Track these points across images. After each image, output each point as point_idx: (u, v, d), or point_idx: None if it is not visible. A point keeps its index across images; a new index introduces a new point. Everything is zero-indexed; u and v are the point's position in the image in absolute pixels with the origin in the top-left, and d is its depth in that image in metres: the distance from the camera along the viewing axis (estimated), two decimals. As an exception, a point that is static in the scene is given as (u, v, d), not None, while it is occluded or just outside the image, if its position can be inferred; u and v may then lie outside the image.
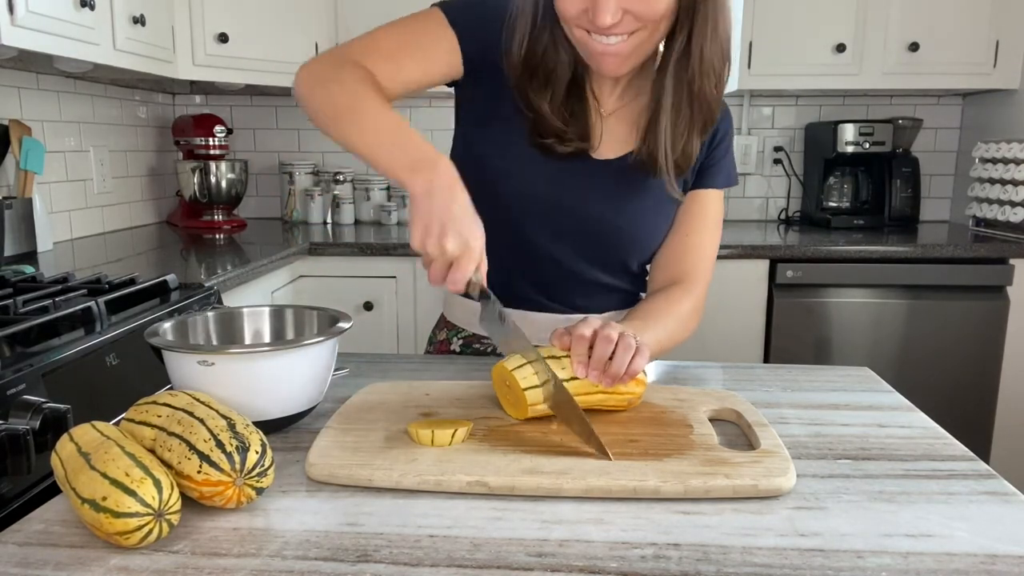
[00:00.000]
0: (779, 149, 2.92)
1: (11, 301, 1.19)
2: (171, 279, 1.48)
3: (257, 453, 0.63)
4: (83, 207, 2.33)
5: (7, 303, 1.18)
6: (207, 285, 1.56)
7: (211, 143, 2.62)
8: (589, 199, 1.04)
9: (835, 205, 2.80)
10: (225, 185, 2.60)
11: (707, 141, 1.06)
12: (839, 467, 0.74)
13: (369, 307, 2.32)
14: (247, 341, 0.92)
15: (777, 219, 2.97)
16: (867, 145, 2.62)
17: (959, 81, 2.54)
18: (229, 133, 2.68)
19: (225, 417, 0.66)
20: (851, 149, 2.63)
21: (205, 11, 2.26)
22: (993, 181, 2.54)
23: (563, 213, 1.05)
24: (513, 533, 0.61)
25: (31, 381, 0.96)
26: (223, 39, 2.29)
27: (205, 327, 0.90)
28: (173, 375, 0.79)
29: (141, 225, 2.66)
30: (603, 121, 1.03)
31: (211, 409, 0.67)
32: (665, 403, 0.88)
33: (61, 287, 1.36)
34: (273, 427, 0.80)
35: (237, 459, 0.62)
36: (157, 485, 0.58)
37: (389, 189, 2.85)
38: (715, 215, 1.10)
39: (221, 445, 0.62)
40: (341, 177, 2.81)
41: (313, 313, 0.92)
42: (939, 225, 2.81)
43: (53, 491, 0.69)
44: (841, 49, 2.49)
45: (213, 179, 2.58)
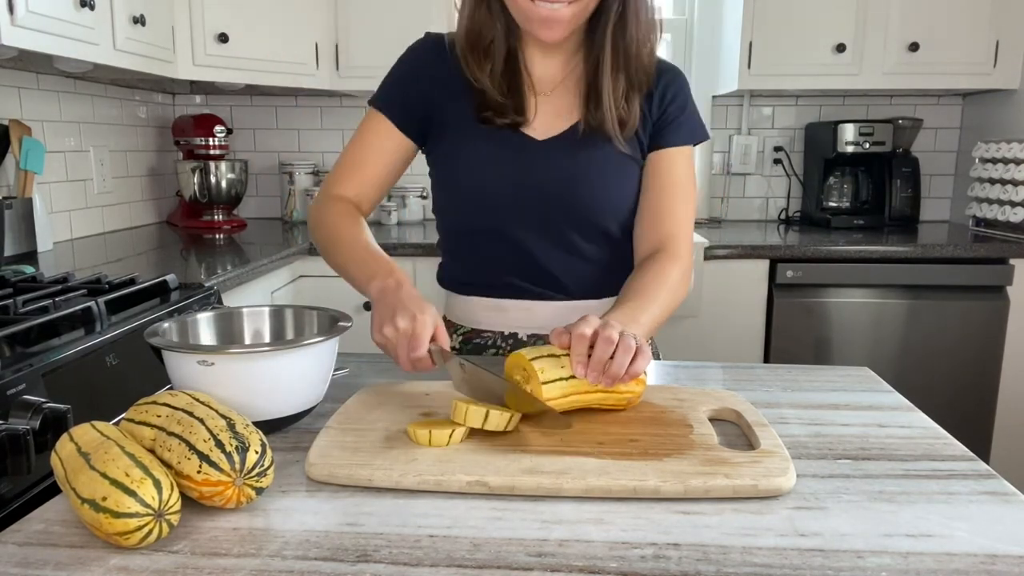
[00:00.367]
0: (779, 149, 2.92)
1: (11, 301, 1.19)
2: (171, 279, 1.48)
3: (257, 453, 0.63)
4: (83, 207, 2.33)
5: (7, 303, 1.18)
6: (207, 285, 1.56)
7: (211, 143, 2.62)
8: (551, 178, 1.10)
9: (835, 205, 2.80)
10: (225, 185, 2.60)
11: (656, 103, 1.11)
12: (839, 467, 0.74)
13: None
14: (247, 341, 0.92)
15: (777, 219, 2.97)
16: (867, 145, 2.62)
17: (959, 81, 2.54)
18: (229, 133, 2.68)
19: (225, 417, 0.66)
20: (851, 149, 2.63)
21: (205, 11, 2.26)
22: (993, 181, 2.54)
23: (531, 198, 1.10)
24: (513, 533, 0.61)
25: (31, 381, 0.96)
26: (223, 39, 2.29)
27: (205, 327, 0.90)
28: (173, 375, 0.79)
29: (141, 225, 2.66)
30: (538, 100, 1.11)
31: (211, 409, 0.67)
32: (665, 403, 0.88)
33: (61, 287, 1.36)
34: (273, 427, 0.80)
35: (237, 459, 0.62)
36: (157, 485, 0.58)
37: (389, 189, 2.85)
38: (682, 173, 1.13)
39: (221, 445, 0.62)
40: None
41: (313, 313, 0.92)
42: (939, 225, 2.81)
43: (53, 491, 0.69)
44: (841, 49, 2.49)
45: (213, 179, 2.58)
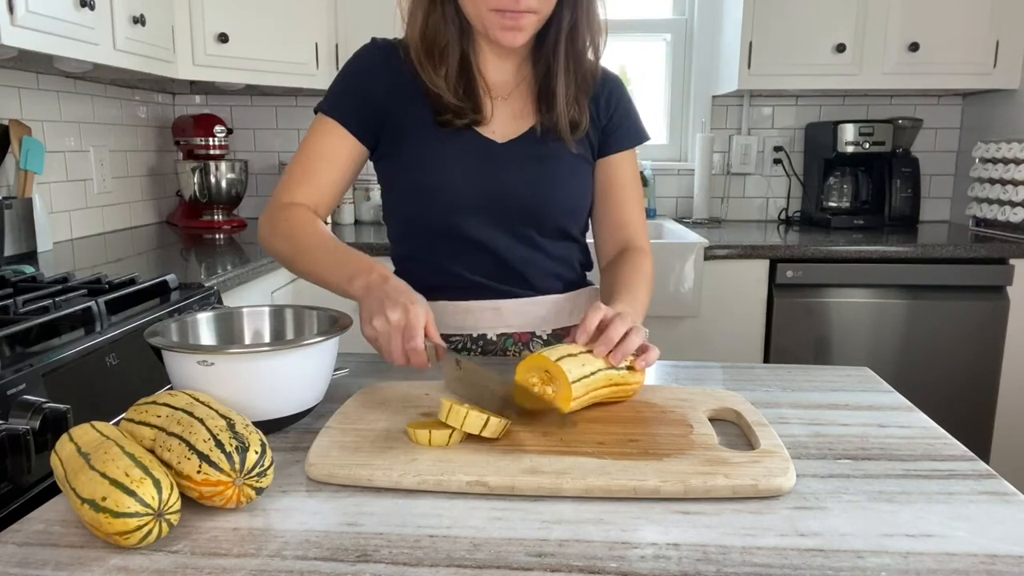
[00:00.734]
0: (779, 149, 2.92)
1: (11, 301, 1.19)
2: (171, 279, 1.48)
3: (257, 453, 0.63)
4: (83, 207, 2.33)
5: (7, 303, 1.18)
6: (207, 285, 1.56)
7: (211, 143, 2.62)
8: (508, 181, 1.12)
9: (835, 205, 2.80)
10: (225, 185, 2.60)
11: (603, 108, 1.18)
12: (839, 467, 0.74)
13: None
14: (247, 341, 0.92)
15: (777, 219, 2.97)
16: (867, 145, 2.62)
17: (959, 81, 2.53)
18: (229, 133, 2.68)
19: (225, 417, 0.66)
20: (851, 149, 2.63)
21: (205, 11, 2.26)
22: (993, 181, 2.54)
23: (495, 198, 1.12)
24: (513, 533, 0.61)
25: (31, 381, 0.96)
26: (223, 39, 2.29)
27: (205, 327, 0.90)
28: (173, 375, 0.79)
29: (141, 225, 2.66)
30: (495, 103, 1.14)
31: (211, 409, 0.67)
32: (665, 403, 0.88)
33: (61, 287, 1.36)
34: (273, 427, 0.80)
35: (237, 459, 0.62)
36: (157, 485, 0.58)
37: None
38: (633, 174, 1.22)
39: (221, 445, 0.62)
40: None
41: (313, 313, 0.92)
42: (939, 225, 2.81)
43: (53, 491, 0.69)
44: (841, 49, 2.49)
45: (213, 179, 2.58)
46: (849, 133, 2.62)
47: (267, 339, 0.93)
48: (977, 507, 0.66)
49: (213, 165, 2.57)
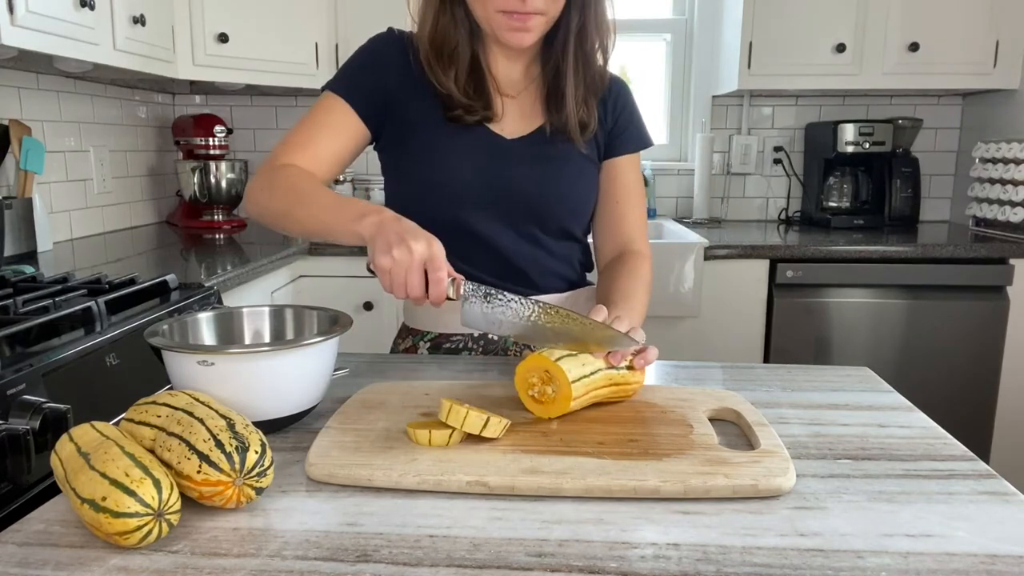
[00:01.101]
0: (779, 149, 2.92)
1: (11, 301, 1.19)
2: (171, 279, 1.48)
3: (257, 453, 0.63)
4: (83, 207, 2.33)
5: (7, 303, 1.18)
6: (207, 285, 1.56)
7: (211, 143, 2.62)
8: (516, 177, 1.13)
9: (835, 205, 2.80)
10: (225, 185, 2.60)
11: (610, 111, 1.19)
12: (839, 467, 0.74)
13: (369, 307, 2.32)
14: (247, 341, 0.92)
15: (777, 219, 2.97)
16: (867, 145, 2.62)
17: (959, 81, 2.54)
18: (229, 133, 2.68)
19: (225, 417, 0.66)
20: (851, 149, 2.63)
21: (205, 11, 2.26)
22: (993, 181, 2.54)
23: (503, 194, 1.13)
24: (513, 533, 0.61)
25: (31, 381, 0.96)
26: (223, 39, 2.29)
27: (205, 327, 0.90)
28: (173, 375, 0.79)
29: (141, 225, 2.66)
30: (505, 101, 1.15)
31: (211, 409, 0.67)
32: (665, 403, 0.88)
33: (61, 287, 1.36)
34: (273, 427, 0.80)
35: (236, 459, 0.62)
36: (157, 485, 0.58)
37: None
38: (635, 178, 1.23)
39: (221, 445, 0.62)
40: (341, 177, 2.81)
41: (313, 313, 0.92)
42: (939, 225, 2.81)
43: (53, 491, 0.69)
44: (841, 49, 2.49)
45: (213, 179, 2.58)
46: (849, 133, 2.62)
47: (267, 339, 0.93)
48: (977, 507, 0.66)
49: (213, 165, 2.57)
